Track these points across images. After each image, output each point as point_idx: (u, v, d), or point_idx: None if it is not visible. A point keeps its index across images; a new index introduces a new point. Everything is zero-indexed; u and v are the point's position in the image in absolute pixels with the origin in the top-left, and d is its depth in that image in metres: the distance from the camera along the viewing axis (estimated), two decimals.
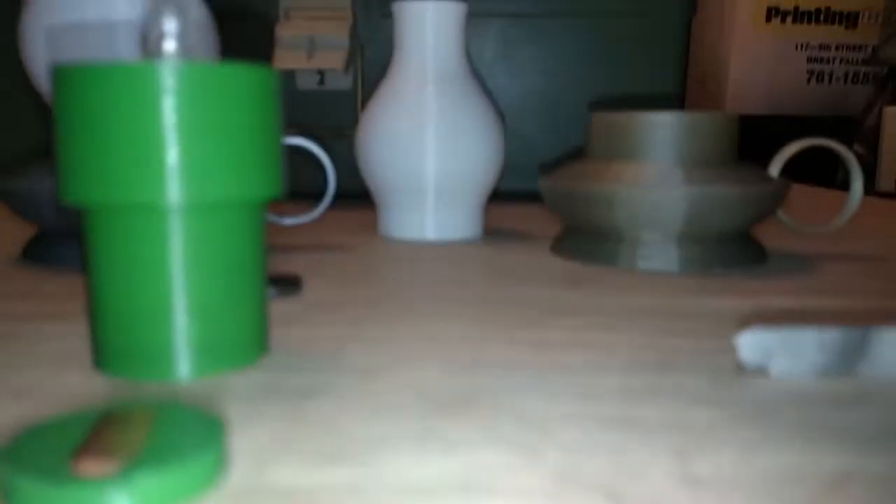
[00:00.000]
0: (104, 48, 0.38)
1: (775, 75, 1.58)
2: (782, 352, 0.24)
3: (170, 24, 0.23)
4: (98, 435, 0.17)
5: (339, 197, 0.79)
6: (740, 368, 0.24)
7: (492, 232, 0.55)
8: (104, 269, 0.23)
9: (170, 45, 0.23)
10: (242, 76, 0.23)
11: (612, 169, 0.41)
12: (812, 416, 0.21)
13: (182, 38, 0.23)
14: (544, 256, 0.45)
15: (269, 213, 0.47)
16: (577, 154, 0.78)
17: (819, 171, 1.60)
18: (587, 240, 0.43)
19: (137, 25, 0.43)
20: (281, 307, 0.33)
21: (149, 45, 0.23)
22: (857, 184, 0.44)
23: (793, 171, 1.48)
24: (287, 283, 0.35)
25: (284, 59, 0.69)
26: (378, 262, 0.43)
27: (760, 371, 0.24)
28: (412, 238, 0.51)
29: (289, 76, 0.75)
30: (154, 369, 0.23)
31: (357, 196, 0.77)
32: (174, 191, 0.22)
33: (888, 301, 0.34)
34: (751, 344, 0.24)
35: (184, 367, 0.24)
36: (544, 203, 0.71)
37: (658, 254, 0.40)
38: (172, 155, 0.22)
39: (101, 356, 0.24)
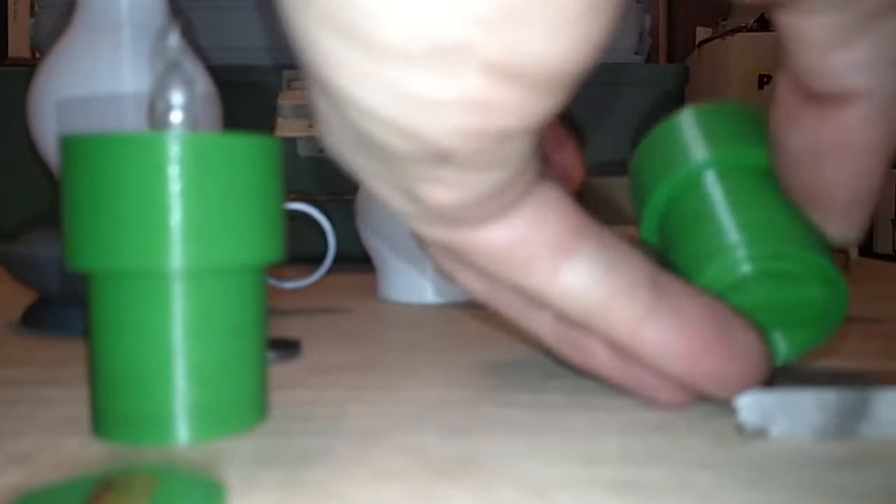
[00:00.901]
0: (111, 120, 0.38)
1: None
2: (781, 413, 0.24)
3: (177, 97, 0.24)
4: (97, 501, 0.17)
5: (339, 260, 0.79)
6: (740, 430, 0.24)
7: None
8: (106, 334, 0.24)
9: (177, 117, 0.24)
10: (246, 146, 0.24)
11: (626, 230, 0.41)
12: (812, 478, 0.21)
13: (189, 109, 0.24)
14: None
15: (270, 278, 0.47)
16: None
17: None
18: None
19: (145, 97, 0.44)
20: (280, 371, 0.33)
21: (156, 115, 0.24)
22: (853, 248, 0.45)
23: None
24: (286, 347, 0.35)
25: (286, 127, 0.71)
26: (377, 324, 0.44)
27: (761, 432, 0.24)
28: (412, 301, 0.51)
29: (290, 143, 0.77)
30: (153, 434, 0.23)
31: (357, 259, 0.78)
32: (177, 256, 0.23)
33: (886, 362, 0.34)
34: (750, 405, 0.24)
35: (183, 431, 0.24)
36: None
37: None
38: (176, 222, 0.23)
39: (100, 422, 0.24)
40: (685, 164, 0.31)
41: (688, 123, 0.32)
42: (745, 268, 0.27)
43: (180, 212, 0.23)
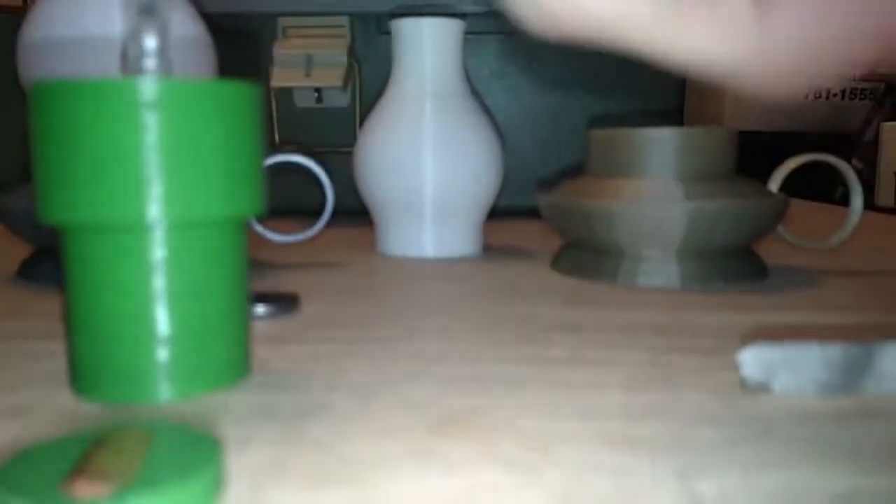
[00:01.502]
0: (101, 64, 0.37)
1: None
2: (785, 368, 0.24)
3: (150, 42, 0.23)
4: (92, 457, 0.17)
5: (338, 214, 0.79)
6: (743, 385, 0.24)
7: (491, 249, 0.55)
8: (82, 290, 0.23)
9: (150, 63, 0.23)
10: (223, 93, 0.23)
11: (611, 185, 0.41)
12: (816, 434, 0.21)
13: (163, 55, 0.23)
14: (544, 273, 0.45)
15: (267, 231, 0.47)
16: (576, 171, 0.78)
17: (818, 187, 1.60)
18: (587, 256, 0.43)
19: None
20: (278, 325, 0.32)
21: (129, 61, 0.23)
22: (858, 199, 0.44)
23: (792, 187, 1.48)
24: (284, 301, 0.34)
25: (282, 76, 0.69)
26: (377, 279, 0.43)
27: (763, 388, 0.24)
28: (411, 255, 0.51)
29: (287, 94, 0.76)
30: (132, 392, 0.23)
31: (355, 213, 0.77)
32: (154, 208, 0.22)
33: (891, 316, 0.34)
34: (753, 360, 0.24)
35: (163, 388, 0.23)
36: (543, 220, 0.71)
37: (658, 270, 0.40)
38: (151, 171, 0.22)
39: (79, 379, 0.24)
40: None
41: None
42: None
43: (156, 160, 0.22)
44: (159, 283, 0.23)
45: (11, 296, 0.38)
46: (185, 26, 0.42)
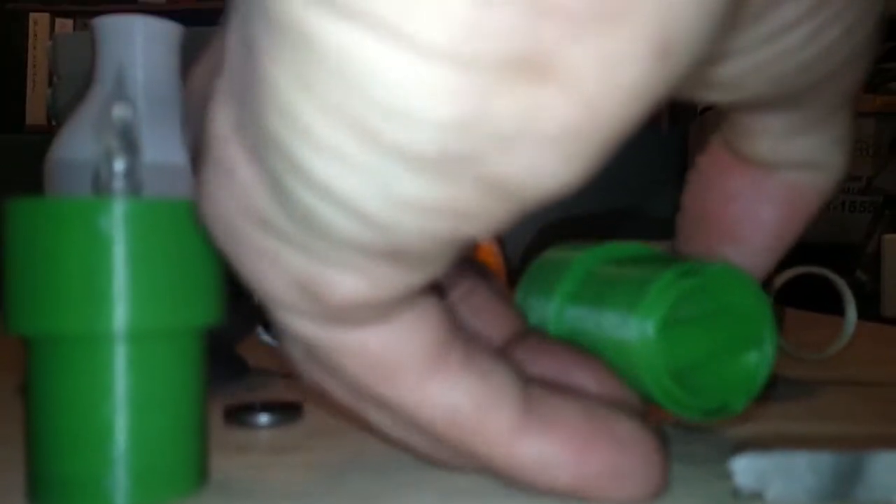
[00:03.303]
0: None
1: None
2: (777, 476, 0.24)
3: (119, 164, 0.25)
4: None
5: None
6: (736, 494, 0.24)
7: None
8: (44, 399, 0.24)
9: (118, 184, 0.25)
10: (187, 210, 0.25)
11: None
12: None
13: (132, 176, 0.25)
14: None
15: (269, 338, 0.48)
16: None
17: (824, 298, 1.61)
18: None
19: (158, 167, 0.45)
20: (279, 434, 0.33)
21: (100, 182, 0.25)
22: (851, 310, 0.45)
23: (798, 297, 1.48)
24: (286, 410, 0.35)
25: None
26: None
27: (756, 496, 0.24)
28: None
29: None
30: (89, 500, 0.24)
31: None
32: (113, 321, 0.23)
33: (886, 426, 0.34)
34: (745, 469, 0.24)
35: (120, 496, 0.24)
36: None
37: None
38: (116, 285, 0.23)
39: (36, 487, 0.24)
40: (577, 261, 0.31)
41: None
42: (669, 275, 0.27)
43: (122, 275, 0.23)
44: (120, 393, 0.24)
45: None
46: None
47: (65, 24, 2.24)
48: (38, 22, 2.24)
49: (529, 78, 0.16)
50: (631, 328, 0.27)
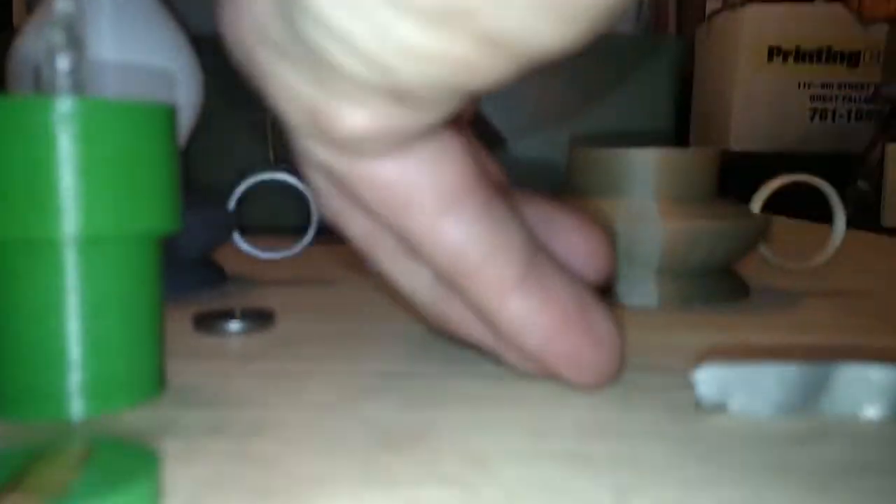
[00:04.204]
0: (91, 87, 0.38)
1: (778, 113, 1.58)
2: (741, 388, 0.24)
3: (63, 62, 0.23)
4: (27, 471, 0.17)
5: (324, 232, 0.79)
6: (698, 404, 0.24)
7: None
8: None
9: (62, 82, 0.23)
10: (135, 112, 0.24)
11: (590, 205, 0.41)
12: (767, 454, 0.21)
13: (76, 74, 0.24)
14: None
15: (252, 248, 0.47)
16: (561, 189, 0.78)
17: (822, 208, 1.60)
18: None
19: (125, 65, 0.43)
20: (249, 341, 0.33)
21: (42, 80, 0.24)
22: (839, 218, 0.44)
23: (793, 206, 1.47)
24: (259, 317, 0.35)
25: None
26: (358, 298, 0.43)
27: (719, 408, 0.24)
28: None
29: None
30: (45, 409, 0.23)
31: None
32: (65, 225, 0.23)
33: (864, 337, 0.34)
34: (708, 379, 0.24)
35: (76, 406, 0.23)
36: None
37: (636, 289, 0.40)
38: (64, 187, 0.22)
39: None
40: None
41: None
42: None
43: (68, 177, 0.22)
44: (72, 299, 0.23)
45: None
46: (169, 55, 0.43)
47: None
48: None
49: None
50: None
